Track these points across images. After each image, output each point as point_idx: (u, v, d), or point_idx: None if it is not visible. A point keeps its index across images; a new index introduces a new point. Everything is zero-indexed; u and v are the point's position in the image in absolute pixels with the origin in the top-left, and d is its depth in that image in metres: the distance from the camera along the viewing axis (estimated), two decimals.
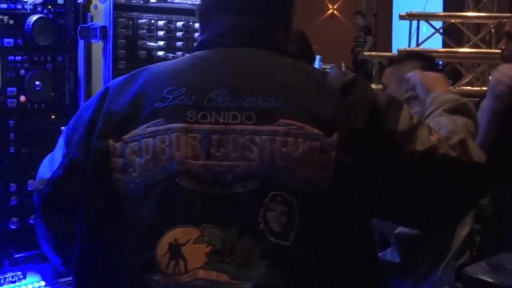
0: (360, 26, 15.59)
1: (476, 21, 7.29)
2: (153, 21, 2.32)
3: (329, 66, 14.75)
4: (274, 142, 1.36)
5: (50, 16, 2.11)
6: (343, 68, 15.83)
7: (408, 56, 2.76)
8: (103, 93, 1.50)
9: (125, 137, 1.37)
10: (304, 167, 1.37)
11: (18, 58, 2.06)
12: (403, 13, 7.06)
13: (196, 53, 1.57)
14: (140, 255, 1.33)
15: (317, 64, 11.94)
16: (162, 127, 1.36)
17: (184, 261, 1.30)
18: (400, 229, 2.33)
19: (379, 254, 2.43)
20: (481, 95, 5.42)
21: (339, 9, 18.86)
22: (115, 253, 1.37)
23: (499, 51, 3.99)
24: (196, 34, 2.40)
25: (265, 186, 1.34)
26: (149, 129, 1.37)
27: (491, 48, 6.57)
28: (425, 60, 2.68)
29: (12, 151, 2.07)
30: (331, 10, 18.88)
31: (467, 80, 5.97)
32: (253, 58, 1.53)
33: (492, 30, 6.98)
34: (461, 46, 7.01)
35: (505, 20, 6.67)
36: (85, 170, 1.41)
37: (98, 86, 2.21)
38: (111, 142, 1.38)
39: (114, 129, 1.39)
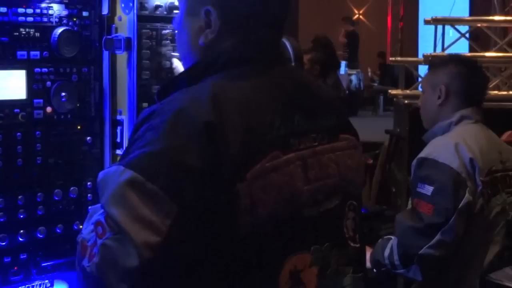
0: (348, 31, 15.51)
1: (502, 25, 7.20)
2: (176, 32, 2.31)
3: (354, 72, 14.82)
4: (344, 157, 1.43)
5: (75, 28, 2.12)
6: (369, 73, 15.86)
7: (441, 63, 2.71)
8: (200, 132, 1.26)
9: (249, 175, 1.25)
10: (358, 173, 1.48)
11: (44, 70, 2.07)
12: (429, 18, 7.00)
13: (247, 73, 1.43)
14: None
15: (342, 70, 12.00)
16: (281, 160, 1.30)
17: (304, 286, 1.31)
18: (424, 250, 2.31)
19: (402, 271, 2.43)
20: (508, 99, 5.44)
21: (365, 14, 18.81)
22: None
23: None
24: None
25: (345, 197, 1.40)
26: (269, 164, 1.29)
27: None
28: (459, 63, 2.64)
29: (38, 162, 2.07)
30: (356, 15, 18.83)
31: (494, 84, 5.88)
32: (296, 76, 1.55)
33: None
34: (488, 50, 6.92)
35: None
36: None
37: (123, 97, 2.22)
38: (238, 184, 1.24)
39: (235, 171, 1.25)
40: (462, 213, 2.30)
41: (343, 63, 11.83)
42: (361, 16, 18.77)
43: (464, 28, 7.32)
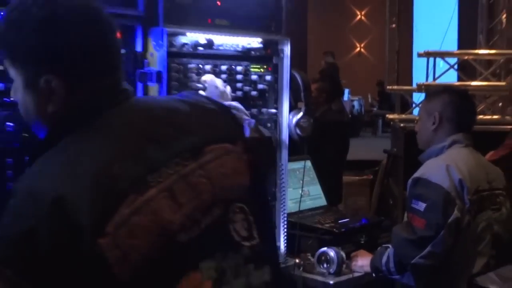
0: (328, 62, 15.46)
1: (486, 57, 7.19)
2: (201, 65, 2.32)
3: (356, 98, 14.85)
4: (215, 167, 1.35)
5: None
6: (369, 100, 15.85)
7: (435, 92, 2.71)
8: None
9: (109, 228, 1.13)
10: (236, 176, 1.39)
11: None
12: (421, 51, 7.02)
13: (94, 129, 1.30)
14: None
15: (346, 97, 12.00)
16: (139, 201, 1.22)
17: None
18: (416, 259, 2.30)
19: (398, 277, 2.42)
20: (492, 123, 5.45)
21: (366, 47, 18.79)
22: None
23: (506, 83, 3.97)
24: (239, 77, 2.45)
25: (226, 204, 1.33)
26: (128, 210, 1.20)
27: (500, 81, 6.52)
28: (451, 94, 2.64)
29: None
30: (358, 48, 18.83)
31: (479, 109, 5.88)
32: (147, 110, 1.40)
33: (501, 64, 6.91)
34: (474, 79, 6.92)
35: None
36: None
37: None
38: (100, 240, 1.12)
39: (92, 230, 1.13)
40: (451, 228, 2.29)
41: (346, 91, 11.79)
42: (362, 49, 18.76)
43: (453, 60, 7.31)
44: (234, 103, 1.96)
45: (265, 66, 2.55)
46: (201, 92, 2.17)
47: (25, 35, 1.27)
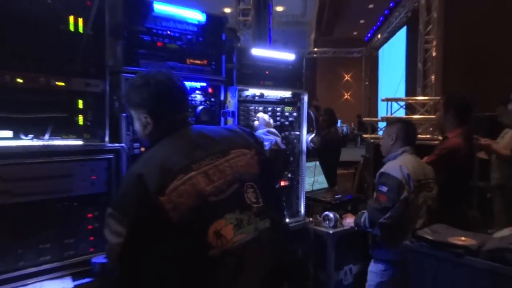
0: (314, 104, 15.30)
1: (422, 101, 7.05)
2: (256, 107, 2.31)
3: (345, 125, 14.69)
4: (235, 162, 1.38)
5: (208, 106, 2.11)
6: (352, 126, 15.61)
7: (392, 122, 2.68)
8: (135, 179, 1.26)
9: (167, 191, 1.22)
10: (248, 167, 1.40)
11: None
12: (383, 98, 7.00)
13: (166, 141, 1.39)
14: None
15: (338, 124, 11.94)
16: (184, 178, 1.29)
17: (224, 237, 1.25)
18: (381, 220, 2.26)
19: (370, 230, 2.38)
20: (426, 140, 5.37)
21: (350, 96, 18.56)
22: None
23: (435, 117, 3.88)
24: (278, 113, 2.42)
25: (241, 183, 1.34)
26: (178, 182, 1.27)
27: (430, 115, 6.43)
28: (402, 123, 2.60)
29: None
30: (346, 96, 18.61)
31: (419, 131, 5.77)
32: (196, 132, 1.45)
33: (431, 106, 6.81)
34: (415, 114, 6.80)
35: (437, 99, 6.49)
36: None
37: None
38: (160, 197, 1.21)
39: (156, 191, 1.23)
40: (402, 202, 2.25)
41: (339, 121, 11.63)
42: (348, 97, 18.52)
43: (402, 103, 7.21)
44: (273, 129, 1.96)
45: (292, 107, 2.56)
46: (255, 122, 2.20)
47: (139, 94, 1.41)
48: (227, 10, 8.90)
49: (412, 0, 9.66)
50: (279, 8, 11.16)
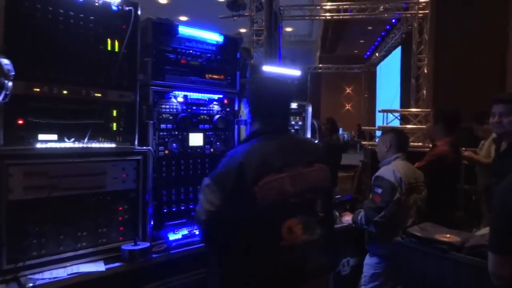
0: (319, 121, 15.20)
1: (415, 113, 6.98)
2: None
3: (346, 133, 14.60)
4: (316, 174, 1.38)
5: (224, 115, 2.13)
6: (353, 134, 15.50)
7: (387, 131, 2.68)
8: (237, 165, 1.28)
9: (260, 183, 1.25)
10: (324, 181, 1.41)
11: (210, 133, 2.08)
12: (380, 109, 6.94)
13: (265, 138, 1.41)
14: None
15: (340, 132, 11.90)
16: (277, 177, 1.32)
17: (295, 233, 1.29)
18: (376, 218, 2.26)
19: (366, 227, 2.37)
20: (417, 147, 5.34)
21: (351, 107, 18.45)
22: None
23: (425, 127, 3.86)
24: None
25: (316, 193, 1.36)
26: (271, 178, 1.29)
27: (422, 125, 6.36)
28: (395, 132, 2.60)
29: (199, 172, 2.02)
30: (347, 107, 18.50)
31: (411, 140, 5.72)
32: (292, 139, 1.50)
33: (423, 117, 6.73)
34: (408, 123, 6.74)
35: (428, 111, 6.45)
36: None
37: None
38: (255, 187, 1.25)
39: (253, 181, 1.27)
40: (394, 202, 2.25)
41: (340, 129, 11.59)
42: (349, 108, 18.43)
43: (397, 114, 7.16)
44: None
45: (298, 117, 2.58)
46: None
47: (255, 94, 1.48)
48: (243, 30, 8.96)
49: (406, 24, 9.65)
50: (288, 29, 11.21)
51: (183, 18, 10.53)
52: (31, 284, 1.39)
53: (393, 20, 10.78)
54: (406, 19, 9.23)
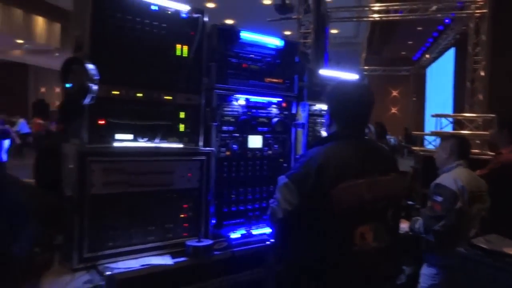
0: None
1: (471, 118, 6.63)
2: (322, 120, 2.32)
3: (393, 137, 14.16)
4: (390, 182, 1.38)
5: (282, 118, 2.14)
6: (399, 138, 14.96)
7: (447, 137, 2.59)
8: (316, 167, 1.30)
9: (339, 186, 1.28)
10: (398, 190, 1.45)
11: (268, 136, 2.11)
12: (433, 113, 6.67)
13: (344, 142, 1.42)
14: None
15: (387, 136, 11.58)
16: (355, 182, 1.33)
17: (366, 239, 1.30)
18: (435, 227, 2.19)
19: (424, 236, 2.30)
20: (478, 154, 5.05)
21: (398, 110, 17.85)
22: None
23: (486, 133, 3.65)
24: None
25: (389, 201, 1.37)
26: (350, 183, 1.31)
27: (478, 131, 6.02)
28: (457, 138, 2.51)
29: (265, 173, 2.06)
30: (393, 110, 17.91)
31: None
32: (369, 144, 1.50)
33: (481, 122, 6.37)
34: (464, 129, 6.41)
35: (486, 116, 6.09)
36: None
37: (299, 147, 2.20)
38: (332, 190, 1.28)
39: (331, 184, 1.30)
40: (456, 211, 2.17)
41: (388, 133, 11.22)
42: (395, 111, 17.83)
43: (451, 118, 6.83)
44: None
45: None
46: (323, 133, 2.21)
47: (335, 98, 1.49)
48: (288, 33, 8.99)
49: (460, 24, 9.17)
50: (334, 31, 11.07)
51: (229, 22, 10.73)
52: (109, 272, 1.49)
53: (446, 20, 10.31)
54: (461, 19, 8.78)
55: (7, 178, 1.12)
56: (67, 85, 1.53)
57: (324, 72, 2.34)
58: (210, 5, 10.06)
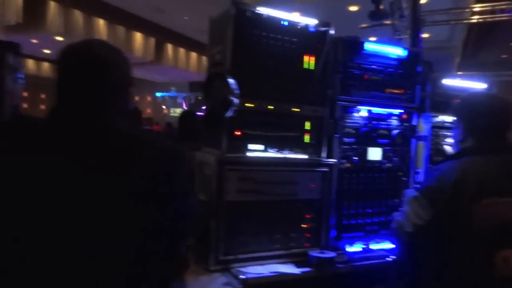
0: None
1: None
2: (445, 133, 2.21)
3: None
4: None
5: (402, 130, 2.06)
6: None
7: None
8: (452, 183, 1.25)
9: (483, 202, 1.20)
10: None
11: (388, 148, 2.04)
12: None
13: (480, 157, 1.33)
14: None
15: None
16: (499, 200, 1.23)
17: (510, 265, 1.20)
18: None
19: None
20: None
21: None
22: None
23: None
24: None
25: None
26: (493, 200, 1.21)
27: None
28: None
29: (384, 187, 2.01)
30: None
31: None
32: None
33: None
34: None
35: None
36: None
37: (420, 160, 2.12)
38: (475, 205, 1.20)
39: (472, 199, 1.22)
40: None
41: None
42: None
43: None
44: None
45: None
46: (446, 147, 2.08)
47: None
48: (373, 39, 8.68)
49: None
50: (425, 35, 10.43)
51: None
52: (243, 277, 1.56)
53: None
54: None
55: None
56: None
57: (448, 81, 2.20)
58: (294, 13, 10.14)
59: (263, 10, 1.70)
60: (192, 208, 1.07)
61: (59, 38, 8.77)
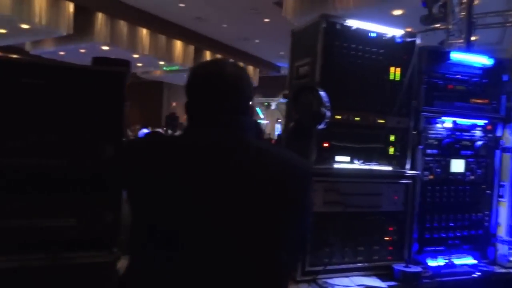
0: None
1: None
2: None
3: None
4: None
5: (486, 141, 1.98)
6: None
7: None
8: None
9: None
10: None
11: (471, 160, 1.96)
12: None
13: None
14: None
15: None
16: None
17: None
18: None
19: None
20: None
21: None
22: None
23: None
24: None
25: None
26: None
27: None
28: None
29: (467, 200, 1.94)
30: None
31: None
32: None
33: None
34: None
35: None
36: None
37: (506, 173, 2.00)
38: None
39: None
40: None
41: None
42: None
43: None
44: None
45: None
46: None
47: None
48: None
49: None
50: (473, 38, 9.96)
51: None
52: None
53: None
54: None
55: None
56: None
57: None
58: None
59: (351, 23, 1.69)
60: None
61: (105, 48, 9.18)
